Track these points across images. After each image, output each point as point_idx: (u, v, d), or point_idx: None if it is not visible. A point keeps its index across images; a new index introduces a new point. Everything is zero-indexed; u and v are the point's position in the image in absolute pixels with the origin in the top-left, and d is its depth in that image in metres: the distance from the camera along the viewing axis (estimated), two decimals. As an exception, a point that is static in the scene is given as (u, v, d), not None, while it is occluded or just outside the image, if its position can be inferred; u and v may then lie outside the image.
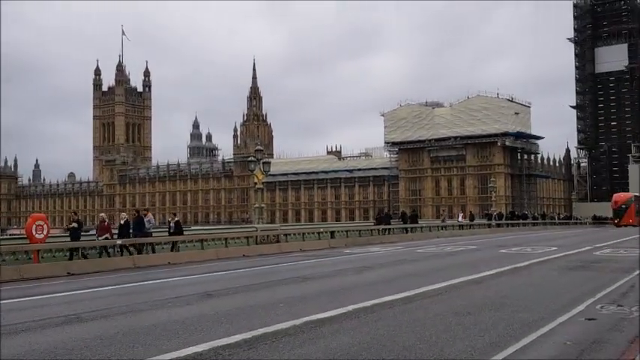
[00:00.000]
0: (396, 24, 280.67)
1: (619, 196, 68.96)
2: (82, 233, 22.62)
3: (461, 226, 44.68)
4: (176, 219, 24.80)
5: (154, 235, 23.42)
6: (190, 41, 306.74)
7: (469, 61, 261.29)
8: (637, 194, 72.13)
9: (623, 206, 65.76)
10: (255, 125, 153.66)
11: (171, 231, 23.80)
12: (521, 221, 52.73)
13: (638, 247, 23.73)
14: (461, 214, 60.10)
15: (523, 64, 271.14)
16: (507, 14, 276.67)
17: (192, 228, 39.01)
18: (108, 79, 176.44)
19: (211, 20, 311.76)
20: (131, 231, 21.69)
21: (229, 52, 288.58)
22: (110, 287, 14.17)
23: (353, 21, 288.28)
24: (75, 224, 20.78)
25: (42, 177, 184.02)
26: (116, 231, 22.11)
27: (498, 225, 49.23)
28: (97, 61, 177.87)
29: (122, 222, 22.22)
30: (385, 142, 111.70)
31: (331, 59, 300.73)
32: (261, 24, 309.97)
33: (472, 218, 49.95)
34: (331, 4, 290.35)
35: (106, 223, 22.21)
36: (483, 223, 49.17)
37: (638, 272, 14.85)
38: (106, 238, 20.89)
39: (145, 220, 22.70)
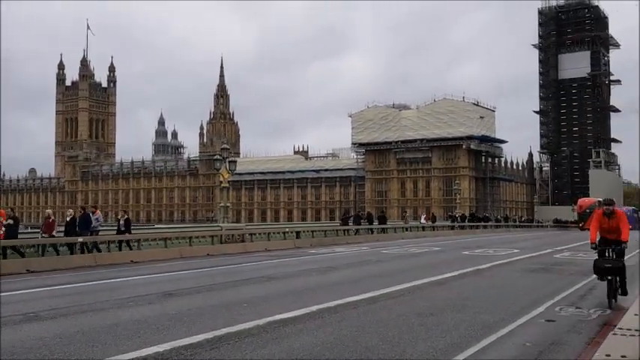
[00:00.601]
0: (366, 25, 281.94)
1: (584, 201, 72.79)
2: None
3: (423, 228, 45.04)
4: (126, 217, 24.14)
5: (100, 234, 22.72)
6: (159, 37, 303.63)
7: (437, 64, 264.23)
8: (600, 199, 74.01)
9: (588, 210, 68.94)
10: (222, 123, 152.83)
11: (122, 229, 23.12)
12: (482, 223, 53.29)
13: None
14: (423, 216, 60.71)
15: (490, 68, 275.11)
16: (476, 19, 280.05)
17: (156, 226, 38.77)
18: (72, 74, 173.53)
19: (181, 16, 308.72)
20: (77, 229, 21.14)
21: (198, 49, 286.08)
22: (70, 285, 13.93)
23: (324, 21, 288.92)
24: (11, 221, 20.02)
25: (1, 172, 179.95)
26: (65, 229, 21.64)
27: (462, 227, 49.76)
28: (61, 55, 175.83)
29: (68, 219, 21.78)
30: (352, 143, 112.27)
31: (301, 59, 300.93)
32: (232, 21, 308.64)
33: (434, 220, 50.36)
34: (303, 4, 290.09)
35: (50, 220, 21.67)
36: (446, 225, 49.63)
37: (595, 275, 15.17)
38: (52, 236, 20.43)
39: (93, 217, 22.07)
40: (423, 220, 52.05)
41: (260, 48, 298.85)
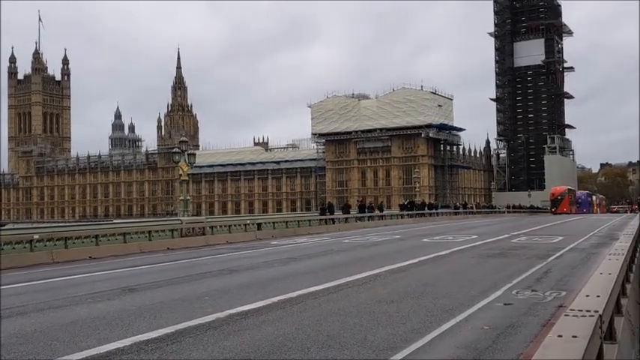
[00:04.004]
0: (330, 16, 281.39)
1: (556, 189, 79.07)
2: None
3: (381, 217, 45.32)
4: None
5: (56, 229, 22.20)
6: (115, 28, 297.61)
7: (400, 54, 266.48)
8: (570, 187, 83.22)
9: (559, 197, 76.28)
10: (180, 116, 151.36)
11: None
12: (427, 211, 53.17)
13: (551, 235, 24.96)
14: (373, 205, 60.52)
15: (450, 58, 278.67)
16: (437, 9, 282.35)
17: (115, 221, 38.15)
18: (24, 67, 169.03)
19: (139, 6, 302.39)
20: None
21: (157, 39, 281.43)
22: (27, 283, 13.64)
23: (288, 12, 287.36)
24: None
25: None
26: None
27: (421, 215, 50.29)
28: (12, 48, 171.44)
29: None
30: (312, 134, 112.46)
31: (263, 50, 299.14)
32: (193, 11, 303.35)
33: (381, 209, 50.61)
34: None
35: None
36: (392, 214, 49.54)
37: (551, 259, 15.59)
38: None
39: None
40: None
41: (220, 38, 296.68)
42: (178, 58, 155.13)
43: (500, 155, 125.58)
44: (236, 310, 8.82)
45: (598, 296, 4.53)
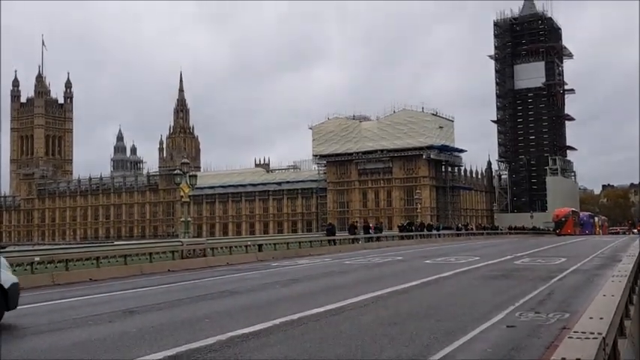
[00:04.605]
0: (333, 38, 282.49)
1: (560, 211, 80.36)
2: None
3: (383, 238, 45.24)
4: None
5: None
6: (119, 50, 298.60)
7: (401, 76, 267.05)
8: (574, 209, 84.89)
9: (563, 219, 77.40)
10: (182, 138, 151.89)
11: None
12: (426, 232, 53.03)
13: (554, 257, 24.86)
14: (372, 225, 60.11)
15: (451, 80, 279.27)
16: (438, 32, 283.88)
17: (116, 243, 38.06)
18: (27, 90, 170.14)
19: (145, 28, 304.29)
20: None
21: (160, 61, 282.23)
22: (27, 305, 13.56)
23: (291, 33, 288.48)
24: None
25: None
26: None
27: (422, 236, 50.20)
28: (15, 71, 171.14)
29: None
30: (313, 155, 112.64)
31: (266, 71, 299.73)
32: (198, 34, 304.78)
33: (380, 230, 50.47)
34: (270, 16, 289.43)
35: None
36: (394, 235, 49.35)
37: (554, 280, 15.51)
38: None
39: None
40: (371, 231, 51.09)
41: (224, 61, 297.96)
42: (181, 81, 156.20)
43: (502, 176, 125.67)
44: (237, 332, 8.75)
45: (601, 318, 4.51)
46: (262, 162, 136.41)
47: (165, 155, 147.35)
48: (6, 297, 10.16)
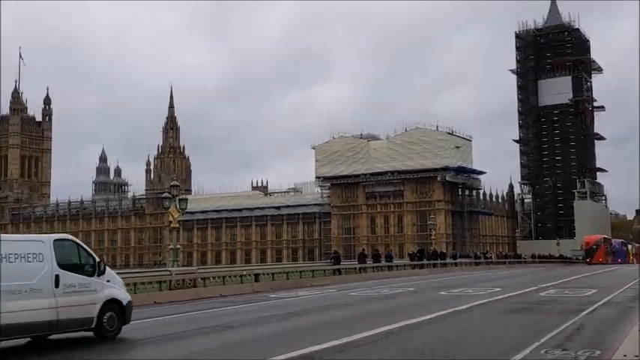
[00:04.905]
0: (339, 53, 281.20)
1: (590, 238, 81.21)
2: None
3: (393, 267, 45.05)
4: None
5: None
6: (106, 64, 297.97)
7: (413, 92, 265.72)
8: (606, 236, 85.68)
9: (594, 247, 78.39)
10: (172, 158, 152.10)
11: None
12: (439, 261, 52.79)
13: (583, 288, 24.71)
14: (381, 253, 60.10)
15: (469, 96, 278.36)
16: (454, 45, 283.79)
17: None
18: (2, 107, 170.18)
19: (131, 40, 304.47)
20: None
21: (151, 77, 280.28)
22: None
23: (296, 44, 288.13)
24: None
25: None
26: None
27: (436, 265, 50.03)
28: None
29: None
30: (316, 177, 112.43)
31: (267, 88, 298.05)
32: (192, 48, 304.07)
33: (391, 258, 50.15)
34: (273, 26, 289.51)
35: None
36: (405, 264, 49.00)
37: (584, 314, 15.36)
38: None
39: None
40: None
41: (219, 76, 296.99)
42: (171, 97, 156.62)
43: (525, 201, 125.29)
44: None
45: (637, 356, 4.44)
46: (260, 184, 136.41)
47: (152, 177, 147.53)
48: (124, 312, 13.07)
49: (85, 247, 13.13)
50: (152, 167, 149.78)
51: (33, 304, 11.38)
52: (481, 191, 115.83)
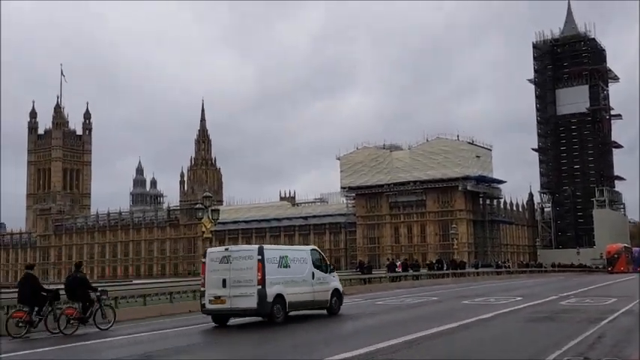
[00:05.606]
0: (364, 64, 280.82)
1: (611, 247, 79.62)
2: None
3: (418, 277, 44.81)
4: None
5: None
6: (139, 79, 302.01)
7: (434, 102, 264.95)
8: (627, 245, 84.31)
9: (615, 255, 76.86)
10: (204, 170, 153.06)
11: None
12: (458, 270, 52.06)
13: (604, 297, 24.34)
14: (398, 262, 59.30)
15: (488, 105, 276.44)
16: (476, 54, 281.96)
17: (134, 282, 38.17)
18: (45, 122, 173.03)
19: (167, 56, 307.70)
20: None
21: (182, 89, 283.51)
22: (30, 351, 13.67)
23: (323, 59, 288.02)
24: None
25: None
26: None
27: (460, 274, 49.65)
28: (33, 102, 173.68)
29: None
30: (341, 187, 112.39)
31: (293, 98, 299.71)
32: (222, 61, 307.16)
33: (418, 268, 49.93)
34: (301, 38, 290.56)
35: None
36: (428, 274, 48.27)
37: (605, 322, 15.15)
38: None
39: None
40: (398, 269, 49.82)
41: (249, 88, 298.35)
42: (202, 110, 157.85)
43: (545, 209, 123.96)
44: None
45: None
46: (288, 195, 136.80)
47: (186, 188, 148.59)
48: (341, 298, 19.42)
49: (322, 253, 19.48)
50: (185, 179, 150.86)
51: (303, 290, 17.50)
52: (501, 200, 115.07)
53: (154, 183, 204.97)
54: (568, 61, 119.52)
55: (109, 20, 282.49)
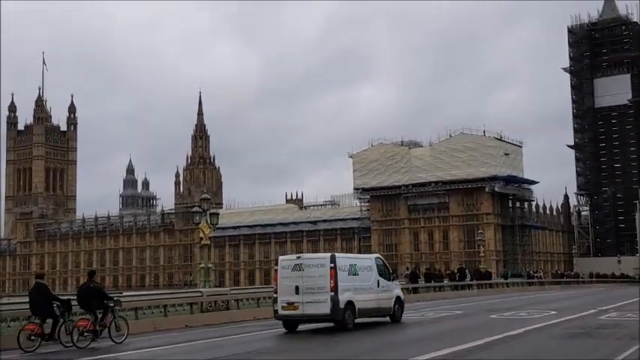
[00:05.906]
0: (383, 51, 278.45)
1: None
2: None
3: (437, 288, 44.65)
4: None
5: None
6: (131, 69, 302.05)
7: (460, 94, 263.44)
8: None
9: None
10: (201, 169, 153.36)
11: None
12: (485, 281, 51.61)
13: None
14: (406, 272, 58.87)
15: (519, 97, 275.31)
16: (505, 41, 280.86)
17: (125, 294, 38.24)
18: (25, 116, 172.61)
19: (158, 43, 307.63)
20: None
21: (181, 82, 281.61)
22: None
23: (335, 48, 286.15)
24: None
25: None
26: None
27: (485, 285, 49.52)
28: (12, 95, 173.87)
29: None
30: (354, 189, 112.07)
31: (301, 91, 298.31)
32: (223, 50, 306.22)
33: (441, 278, 49.45)
34: (309, 25, 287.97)
35: None
36: (451, 285, 48.15)
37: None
38: None
39: None
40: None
41: (252, 80, 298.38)
42: (200, 103, 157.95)
43: (582, 213, 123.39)
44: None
45: None
46: (295, 197, 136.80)
47: (182, 190, 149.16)
48: (402, 305, 21.82)
49: (385, 261, 22.25)
50: (181, 179, 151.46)
51: (370, 297, 19.83)
52: (533, 203, 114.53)
53: (146, 184, 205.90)
54: (607, 47, 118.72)
55: (95, 4, 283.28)
